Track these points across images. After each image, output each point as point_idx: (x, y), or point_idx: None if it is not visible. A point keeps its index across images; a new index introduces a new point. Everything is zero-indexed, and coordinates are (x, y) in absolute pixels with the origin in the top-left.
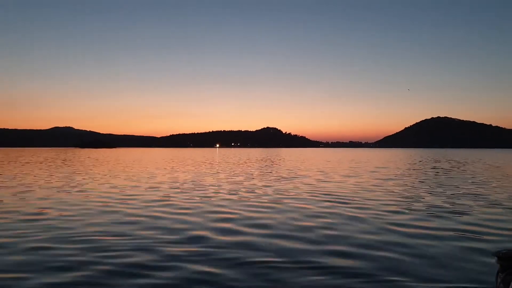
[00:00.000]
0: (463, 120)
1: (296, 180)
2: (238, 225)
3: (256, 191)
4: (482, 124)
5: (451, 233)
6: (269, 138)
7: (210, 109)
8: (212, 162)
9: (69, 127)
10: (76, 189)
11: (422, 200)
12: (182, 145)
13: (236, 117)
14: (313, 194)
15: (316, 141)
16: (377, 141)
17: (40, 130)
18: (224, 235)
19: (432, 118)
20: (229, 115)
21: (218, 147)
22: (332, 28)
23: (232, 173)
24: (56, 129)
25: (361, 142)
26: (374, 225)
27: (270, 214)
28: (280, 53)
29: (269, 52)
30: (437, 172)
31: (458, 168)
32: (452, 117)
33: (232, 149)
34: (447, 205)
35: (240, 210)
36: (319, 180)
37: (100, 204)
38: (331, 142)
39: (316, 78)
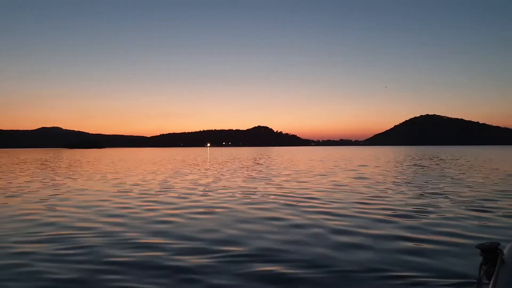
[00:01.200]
0: (451, 118)
1: (264, 180)
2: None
3: (199, 193)
4: (470, 121)
5: (388, 240)
6: (260, 137)
7: (201, 108)
8: (194, 162)
9: (57, 127)
10: (25, 194)
11: (383, 200)
12: (172, 144)
13: (227, 116)
14: (266, 196)
15: (307, 139)
16: (367, 139)
17: (27, 130)
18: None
19: (422, 116)
20: (220, 114)
21: (209, 147)
22: (324, 28)
23: (204, 174)
24: (43, 130)
25: (351, 140)
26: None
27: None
28: (271, 52)
29: (260, 51)
30: (416, 170)
31: (438, 166)
32: (441, 115)
33: (223, 148)
34: (406, 207)
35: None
36: (288, 180)
37: (23, 210)
38: (322, 141)
39: (307, 77)
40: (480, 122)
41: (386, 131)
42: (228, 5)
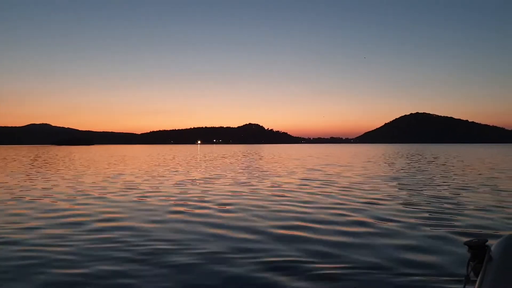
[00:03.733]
0: (441, 116)
1: (212, 182)
2: None
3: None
4: (459, 120)
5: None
6: (251, 134)
7: (191, 105)
8: (168, 162)
9: (45, 124)
10: None
11: (298, 207)
12: (163, 141)
13: (218, 113)
14: (166, 199)
15: (298, 137)
16: (357, 137)
17: (15, 127)
18: None
19: (411, 114)
20: (210, 112)
21: (200, 144)
22: (314, 25)
23: (152, 174)
24: (32, 126)
25: (341, 138)
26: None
27: None
28: (262, 49)
29: (251, 49)
30: (384, 170)
31: (409, 165)
32: (431, 113)
33: (214, 145)
34: (317, 215)
35: None
36: (234, 183)
37: None
38: (313, 138)
39: (298, 74)
40: (469, 120)
41: (376, 129)
42: (218, 3)
